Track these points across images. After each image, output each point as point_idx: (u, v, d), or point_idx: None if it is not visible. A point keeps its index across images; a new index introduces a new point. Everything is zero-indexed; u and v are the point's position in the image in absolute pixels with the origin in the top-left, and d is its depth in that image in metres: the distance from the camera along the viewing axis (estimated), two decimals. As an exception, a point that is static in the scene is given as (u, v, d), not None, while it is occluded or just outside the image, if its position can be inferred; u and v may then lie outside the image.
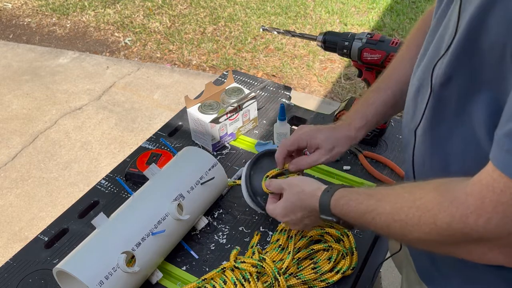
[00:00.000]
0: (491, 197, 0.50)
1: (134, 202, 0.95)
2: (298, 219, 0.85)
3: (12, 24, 3.94)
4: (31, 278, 0.97)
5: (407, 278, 0.93)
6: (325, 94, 3.01)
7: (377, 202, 0.67)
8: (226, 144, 1.28)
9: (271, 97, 1.45)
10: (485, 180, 0.51)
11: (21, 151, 2.69)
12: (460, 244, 0.57)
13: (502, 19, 0.51)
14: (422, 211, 0.58)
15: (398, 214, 0.62)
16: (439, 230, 0.56)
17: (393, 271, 1.99)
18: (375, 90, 0.94)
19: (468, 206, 0.52)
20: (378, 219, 0.65)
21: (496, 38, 0.52)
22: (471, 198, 0.52)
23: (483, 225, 0.51)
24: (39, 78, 3.28)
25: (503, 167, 0.49)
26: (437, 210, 0.56)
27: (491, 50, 0.53)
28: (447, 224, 0.55)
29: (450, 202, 0.54)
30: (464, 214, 0.53)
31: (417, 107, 0.73)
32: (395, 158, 1.20)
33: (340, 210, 0.74)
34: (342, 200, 0.74)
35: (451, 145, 0.66)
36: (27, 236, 2.21)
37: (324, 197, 0.77)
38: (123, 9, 3.99)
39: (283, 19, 3.70)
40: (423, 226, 0.58)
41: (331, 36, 1.16)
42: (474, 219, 0.52)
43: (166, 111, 2.93)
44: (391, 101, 0.92)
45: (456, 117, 0.63)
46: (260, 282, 0.88)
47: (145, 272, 0.90)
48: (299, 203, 0.83)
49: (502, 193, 0.49)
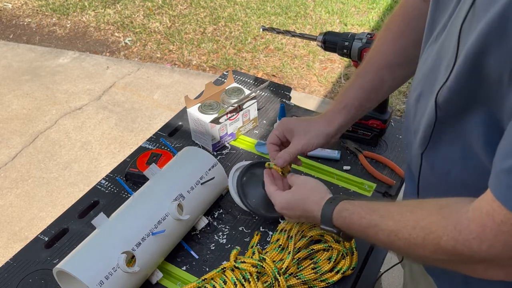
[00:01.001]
0: (492, 226, 0.52)
1: (134, 202, 0.95)
2: (296, 216, 0.87)
3: (12, 24, 3.94)
4: (31, 278, 0.97)
5: (411, 270, 0.93)
6: (325, 94, 3.01)
7: (380, 218, 0.68)
8: (226, 144, 1.28)
9: (271, 97, 1.45)
10: (485, 208, 0.53)
11: (21, 151, 2.69)
12: (464, 263, 0.58)
13: (498, 53, 0.52)
14: (426, 232, 0.59)
15: (402, 233, 0.63)
16: (443, 250, 0.58)
17: (393, 271, 1.99)
18: (355, 75, 0.94)
19: (471, 231, 0.54)
20: (381, 235, 0.67)
21: (494, 68, 0.54)
22: (473, 224, 0.54)
23: (486, 250, 0.53)
24: (39, 78, 3.28)
25: (503, 200, 0.51)
26: (441, 233, 0.57)
27: (490, 76, 0.55)
28: (451, 246, 0.56)
29: (454, 227, 0.56)
30: (467, 239, 0.54)
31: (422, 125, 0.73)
32: (395, 158, 1.20)
33: (342, 222, 0.75)
34: (344, 212, 0.75)
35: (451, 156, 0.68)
36: (27, 236, 2.21)
37: (327, 208, 0.78)
38: (123, 9, 3.99)
39: (283, 19, 3.70)
40: (428, 245, 0.59)
41: (331, 36, 1.16)
42: (477, 244, 0.54)
43: (166, 111, 2.93)
44: (369, 85, 0.91)
45: (453, 132, 0.65)
46: (260, 282, 0.88)
47: (145, 272, 0.90)
48: (302, 205, 0.85)
49: (503, 224, 0.51)
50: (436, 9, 0.72)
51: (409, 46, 0.86)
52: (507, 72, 0.52)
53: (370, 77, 0.91)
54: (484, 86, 0.57)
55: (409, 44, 0.86)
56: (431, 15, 0.74)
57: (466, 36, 0.58)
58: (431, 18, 0.74)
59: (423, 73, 0.73)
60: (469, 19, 0.58)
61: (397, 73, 0.91)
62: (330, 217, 0.77)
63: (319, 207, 0.79)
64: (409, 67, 0.84)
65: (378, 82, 0.91)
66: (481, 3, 0.55)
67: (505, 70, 0.52)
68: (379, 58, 0.91)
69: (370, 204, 0.72)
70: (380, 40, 0.92)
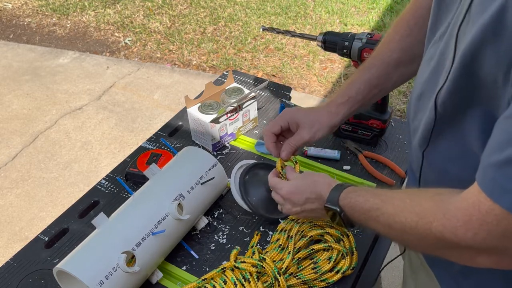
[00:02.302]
0: (477, 216, 0.55)
1: (134, 202, 0.95)
2: (301, 201, 0.87)
3: (12, 24, 3.95)
4: (31, 278, 0.97)
5: (410, 263, 0.95)
6: (325, 94, 3.01)
7: (382, 203, 0.71)
8: (226, 144, 1.28)
9: (271, 97, 1.45)
10: (471, 199, 0.56)
11: (21, 151, 2.69)
12: (452, 249, 0.61)
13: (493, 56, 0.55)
14: (419, 217, 0.63)
15: (399, 216, 0.66)
16: (433, 236, 0.61)
17: (393, 271, 1.99)
18: (360, 69, 0.95)
19: (458, 219, 0.57)
20: (382, 218, 0.70)
21: (489, 70, 0.56)
22: (460, 213, 0.57)
23: (471, 237, 0.56)
24: (39, 78, 3.28)
25: (489, 192, 0.53)
26: (432, 219, 0.61)
27: (485, 78, 0.58)
28: (440, 232, 0.60)
29: (443, 214, 0.59)
30: (454, 226, 0.58)
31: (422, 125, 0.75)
32: (395, 158, 1.20)
33: (348, 202, 0.78)
34: (352, 193, 0.78)
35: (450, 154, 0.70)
36: (27, 236, 2.21)
37: (336, 189, 0.81)
38: (123, 9, 4.00)
39: (283, 19, 3.70)
40: (420, 230, 0.63)
41: (331, 36, 1.16)
42: (463, 232, 0.57)
43: (166, 111, 2.93)
44: (374, 80, 0.92)
45: (453, 132, 0.68)
46: (260, 282, 0.88)
47: (145, 272, 0.90)
48: (312, 185, 0.86)
49: (487, 214, 0.54)
50: (439, 10, 0.73)
51: (416, 45, 0.86)
52: (501, 74, 0.54)
53: (376, 72, 0.92)
54: (481, 87, 0.59)
55: (416, 43, 0.87)
56: (433, 15, 0.74)
57: (462, 39, 0.60)
58: (433, 19, 0.75)
59: (425, 73, 0.74)
60: (465, 23, 0.60)
61: (402, 70, 0.92)
62: (338, 196, 0.80)
63: (330, 187, 0.82)
64: (415, 65, 0.85)
65: (384, 78, 0.92)
66: (476, 7, 0.57)
67: (499, 71, 0.54)
68: (386, 54, 0.92)
69: (375, 190, 0.78)
70: (389, 36, 0.93)
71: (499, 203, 0.52)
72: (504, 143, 0.52)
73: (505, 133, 0.52)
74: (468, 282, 0.76)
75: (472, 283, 0.76)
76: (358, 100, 0.93)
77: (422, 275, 0.88)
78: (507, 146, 0.51)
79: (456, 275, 0.78)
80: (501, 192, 0.52)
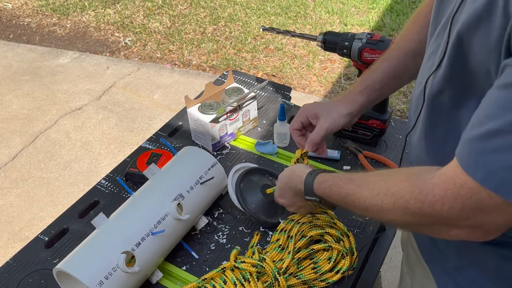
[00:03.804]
0: (453, 189, 0.57)
1: (134, 202, 0.95)
2: (291, 199, 0.92)
3: (12, 24, 3.95)
4: (31, 278, 0.97)
5: (407, 259, 0.96)
6: (325, 94, 3.01)
7: (356, 188, 0.74)
8: (226, 144, 1.28)
9: (271, 97, 1.45)
10: (449, 174, 0.58)
11: (21, 151, 2.69)
12: (429, 224, 0.64)
13: (483, 44, 0.56)
14: (396, 198, 0.65)
15: (375, 200, 0.69)
16: (411, 214, 0.63)
17: (393, 271, 1.99)
18: (379, 60, 0.97)
19: (434, 194, 0.59)
20: (358, 203, 0.73)
21: (480, 60, 0.58)
22: (437, 188, 0.59)
23: (447, 211, 0.59)
24: (39, 78, 3.28)
25: (464, 165, 0.55)
26: (408, 197, 0.63)
27: (478, 69, 0.59)
28: (418, 209, 0.62)
29: (420, 191, 0.61)
30: (431, 201, 0.60)
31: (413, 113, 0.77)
32: (395, 158, 1.20)
33: (323, 192, 0.81)
34: (324, 184, 0.81)
35: (445, 148, 0.71)
36: (27, 236, 2.21)
37: (308, 180, 0.85)
38: (123, 9, 3.99)
39: (283, 19, 3.70)
40: (397, 210, 0.65)
41: (331, 36, 1.16)
42: (440, 206, 0.59)
43: (166, 111, 2.93)
44: (392, 70, 0.94)
45: (448, 123, 0.69)
46: (260, 282, 0.88)
47: (145, 272, 0.90)
48: (289, 183, 0.91)
49: (462, 188, 0.56)
50: (440, 5, 0.73)
51: None
52: (493, 65, 0.55)
53: (395, 62, 0.94)
54: (475, 78, 0.60)
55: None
56: (435, 11, 0.75)
57: (455, 27, 0.62)
58: (435, 13, 0.75)
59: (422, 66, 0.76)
60: (459, 12, 0.62)
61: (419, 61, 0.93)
62: (311, 188, 0.84)
63: (302, 180, 0.86)
64: None
65: (402, 68, 0.94)
66: None
67: (492, 61, 0.55)
68: (404, 44, 0.94)
69: (348, 175, 0.79)
70: (408, 28, 0.95)
71: (472, 176, 0.54)
72: (483, 117, 0.54)
73: (485, 109, 0.54)
74: (462, 277, 0.77)
75: (466, 278, 0.77)
76: (376, 89, 0.95)
77: (419, 271, 0.89)
78: (485, 121, 0.53)
79: (451, 270, 0.79)
80: (474, 166, 0.54)
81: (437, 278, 0.82)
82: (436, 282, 0.82)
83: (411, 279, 0.93)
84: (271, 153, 1.24)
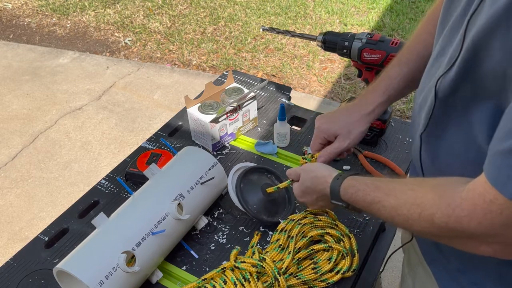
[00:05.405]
0: (482, 205, 0.56)
1: (134, 202, 0.95)
2: (314, 200, 0.91)
3: (12, 24, 3.94)
4: (31, 278, 0.97)
5: (409, 261, 0.96)
6: (325, 94, 3.01)
7: (383, 195, 0.72)
8: (226, 144, 1.28)
9: (271, 97, 1.45)
10: (478, 189, 0.57)
11: (21, 151, 2.69)
12: (455, 238, 0.63)
13: (502, 47, 0.55)
14: (422, 209, 0.64)
15: (401, 209, 0.67)
16: (437, 226, 0.62)
17: (393, 271, 1.99)
18: (395, 65, 0.95)
19: (463, 209, 0.58)
20: (384, 211, 0.72)
21: (498, 61, 0.56)
22: (465, 203, 0.58)
23: (474, 227, 0.58)
24: (39, 78, 3.28)
25: (494, 181, 0.54)
26: (435, 210, 0.62)
27: (494, 69, 0.57)
28: (444, 222, 0.61)
29: (448, 205, 0.60)
30: (459, 216, 0.59)
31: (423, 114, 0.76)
32: (395, 158, 1.20)
33: (349, 197, 0.80)
34: (351, 189, 0.80)
35: (454, 148, 0.70)
36: (27, 236, 2.21)
37: (334, 184, 0.83)
38: (123, 9, 3.99)
39: (283, 19, 3.70)
40: (423, 221, 0.64)
41: (331, 36, 1.16)
42: (467, 221, 0.58)
43: (166, 111, 2.93)
44: (411, 75, 0.93)
45: (458, 124, 0.68)
46: (260, 282, 0.88)
47: (145, 272, 0.90)
48: (313, 187, 0.89)
49: (492, 203, 0.55)
50: (450, 5, 0.73)
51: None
52: (511, 66, 0.54)
53: (414, 67, 0.92)
54: (490, 79, 0.59)
55: None
56: (444, 11, 0.74)
57: (472, 28, 0.60)
58: (444, 13, 0.74)
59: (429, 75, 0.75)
60: (477, 13, 0.60)
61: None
62: (338, 193, 0.82)
63: (328, 184, 0.84)
64: None
65: (418, 72, 0.91)
66: None
67: (509, 64, 0.54)
68: (421, 48, 0.92)
69: (375, 181, 0.77)
70: (422, 29, 0.93)
71: (502, 192, 0.53)
72: (510, 130, 0.52)
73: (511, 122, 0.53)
74: (464, 278, 0.77)
75: (468, 280, 0.76)
76: (395, 96, 0.95)
77: (420, 272, 0.89)
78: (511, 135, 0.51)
79: (453, 272, 0.79)
80: (505, 181, 0.52)
81: (439, 280, 0.82)
82: (438, 284, 0.82)
83: (412, 280, 0.93)
84: (271, 153, 1.24)
